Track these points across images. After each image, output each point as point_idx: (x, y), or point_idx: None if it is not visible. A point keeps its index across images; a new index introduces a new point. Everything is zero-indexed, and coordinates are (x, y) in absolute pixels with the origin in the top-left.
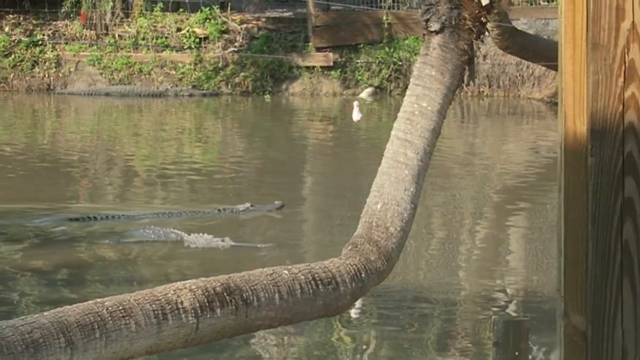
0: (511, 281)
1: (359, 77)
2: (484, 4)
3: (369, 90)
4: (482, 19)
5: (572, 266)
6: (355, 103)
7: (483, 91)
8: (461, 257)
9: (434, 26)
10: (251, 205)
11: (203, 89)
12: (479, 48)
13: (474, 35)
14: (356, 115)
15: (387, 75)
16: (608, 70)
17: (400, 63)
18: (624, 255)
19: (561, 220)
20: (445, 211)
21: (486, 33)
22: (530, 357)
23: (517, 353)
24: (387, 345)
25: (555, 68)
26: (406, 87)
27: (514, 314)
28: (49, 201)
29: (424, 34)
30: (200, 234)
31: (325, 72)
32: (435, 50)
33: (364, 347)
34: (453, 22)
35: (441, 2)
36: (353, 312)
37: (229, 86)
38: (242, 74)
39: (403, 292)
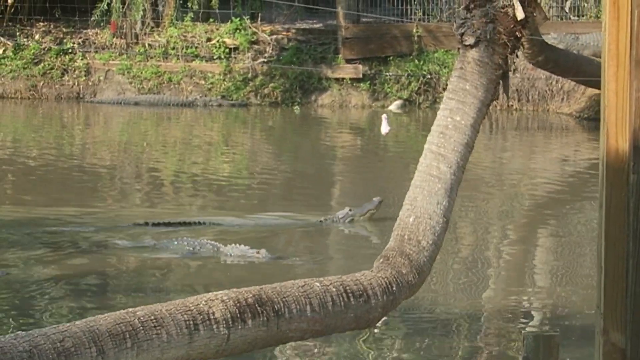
0: (540, 296)
1: (388, 90)
2: (519, 18)
3: (398, 102)
4: (517, 33)
5: (612, 283)
6: (384, 116)
7: (512, 105)
8: (490, 271)
9: (469, 40)
10: (350, 210)
11: (232, 100)
12: (514, 62)
13: (509, 49)
14: (385, 128)
15: (416, 88)
16: None
17: (430, 76)
18: None
19: (602, 237)
20: (473, 225)
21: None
22: None
23: None
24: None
25: (584, 83)
26: (435, 100)
27: (543, 329)
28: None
29: (458, 48)
30: (237, 245)
31: (355, 84)
32: (470, 64)
33: None
34: (488, 36)
35: (476, 16)
36: (379, 325)
37: (258, 97)
38: (271, 84)
39: (431, 306)
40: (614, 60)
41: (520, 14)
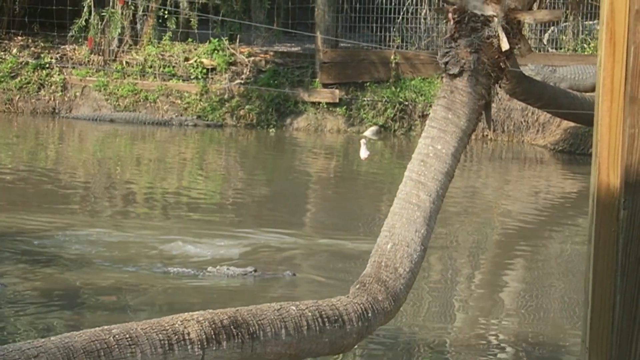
0: (509, 328)
1: (364, 115)
2: (504, 49)
3: (374, 128)
4: (500, 64)
5: (598, 318)
6: (363, 141)
7: (487, 135)
8: (459, 302)
9: (453, 69)
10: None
11: (207, 120)
12: (497, 93)
13: (492, 80)
14: (363, 153)
15: (392, 115)
16: None
17: (406, 103)
18: None
19: (590, 272)
20: (444, 253)
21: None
22: None
23: None
24: None
25: (560, 115)
26: (410, 128)
27: None
28: (47, 222)
29: (442, 77)
30: (226, 267)
31: (331, 109)
32: (453, 93)
33: None
34: (472, 66)
35: (461, 45)
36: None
37: (234, 118)
38: (247, 106)
39: (398, 334)
40: (608, 95)
41: (505, 45)
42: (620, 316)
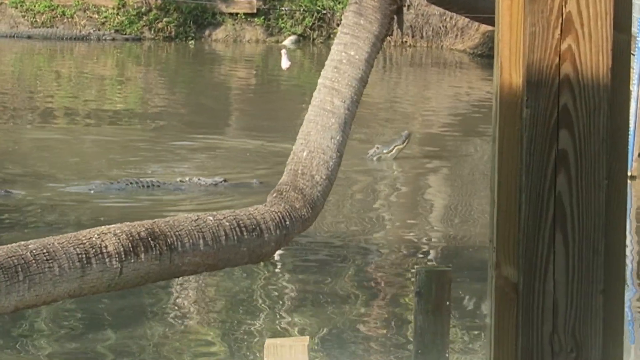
0: (433, 232)
1: (283, 25)
2: None
3: (292, 38)
4: None
5: (505, 217)
6: (283, 51)
7: (406, 41)
8: (383, 207)
9: None
10: (377, 147)
11: (125, 34)
12: None
13: None
14: (285, 63)
15: (310, 24)
16: (545, 23)
17: (324, 11)
18: (557, 207)
19: (495, 171)
20: (365, 160)
21: None
22: (456, 306)
23: (445, 303)
24: (306, 297)
25: (478, 20)
26: (329, 36)
27: (436, 264)
28: None
29: None
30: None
31: (249, 19)
32: None
33: (281, 297)
34: None
35: None
36: (272, 261)
37: (152, 31)
38: (165, 19)
39: (322, 243)
40: None
41: None
42: (526, 215)
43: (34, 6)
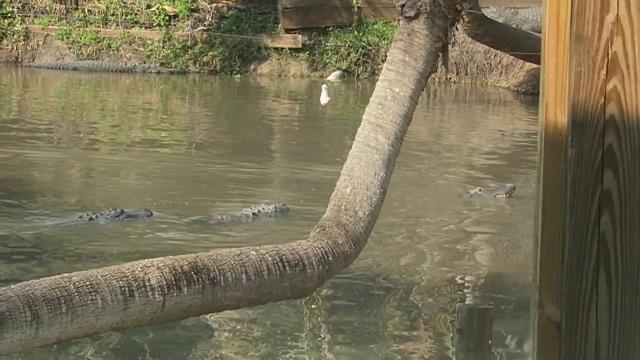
0: (476, 270)
1: (327, 60)
2: None
3: (337, 73)
4: (457, 6)
5: (548, 256)
6: (324, 86)
7: (450, 78)
8: (424, 244)
9: (409, 12)
10: (479, 190)
11: (171, 67)
12: (453, 35)
13: (449, 22)
14: (324, 98)
15: (355, 59)
16: (591, 63)
17: (369, 47)
18: (601, 247)
19: (539, 210)
20: (410, 197)
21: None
22: (499, 346)
23: (486, 341)
24: (346, 331)
25: (522, 57)
26: (374, 72)
27: (478, 302)
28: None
29: (398, 20)
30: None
31: (294, 54)
32: (410, 36)
33: (323, 332)
34: (428, 9)
35: None
36: (314, 295)
37: (197, 65)
38: (210, 53)
39: (364, 278)
40: (554, 34)
41: None
42: (569, 254)
43: (80, 38)
